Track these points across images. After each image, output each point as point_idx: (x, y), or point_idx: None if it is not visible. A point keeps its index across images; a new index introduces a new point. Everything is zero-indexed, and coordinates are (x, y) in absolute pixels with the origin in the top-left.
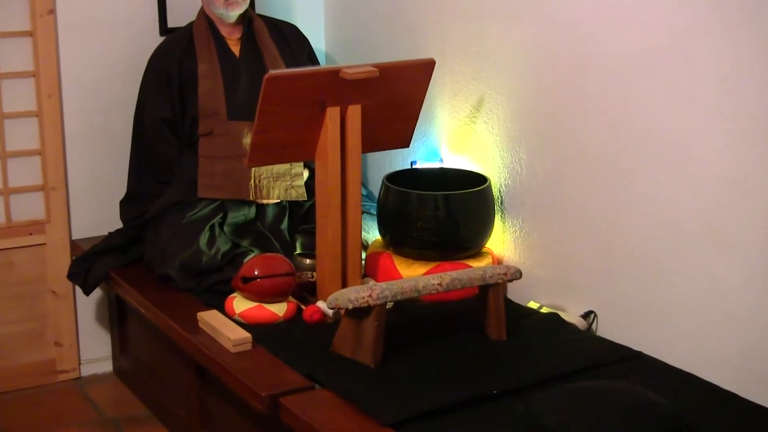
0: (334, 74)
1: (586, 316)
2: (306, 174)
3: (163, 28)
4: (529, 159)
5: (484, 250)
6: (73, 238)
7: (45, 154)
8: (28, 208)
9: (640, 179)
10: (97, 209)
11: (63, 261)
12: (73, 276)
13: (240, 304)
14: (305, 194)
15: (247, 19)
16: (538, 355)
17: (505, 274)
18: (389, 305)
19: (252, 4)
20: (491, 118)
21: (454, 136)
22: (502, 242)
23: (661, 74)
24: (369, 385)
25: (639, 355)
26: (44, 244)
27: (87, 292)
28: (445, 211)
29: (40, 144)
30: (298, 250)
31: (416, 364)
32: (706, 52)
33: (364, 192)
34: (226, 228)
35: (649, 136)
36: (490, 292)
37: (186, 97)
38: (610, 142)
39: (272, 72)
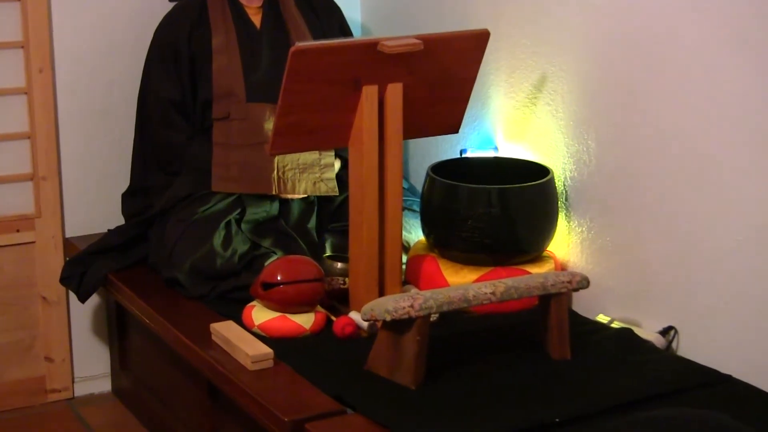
0: (371, 47)
1: (664, 332)
2: (338, 164)
3: None
4: (598, 148)
5: (545, 254)
6: (67, 235)
7: (35, 138)
8: (15, 200)
9: (731, 173)
10: (94, 203)
11: (55, 262)
12: (66, 280)
13: (260, 314)
14: (336, 188)
15: None
16: (607, 378)
17: (569, 283)
18: (433, 317)
19: None
20: (555, 99)
21: (510, 120)
22: (566, 245)
23: (757, 48)
24: (409, 411)
25: (727, 379)
26: (33, 242)
27: (82, 299)
28: (499, 207)
29: (29, 126)
30: (328, 252)
31: (464, 387)
32: None
33: (405, 185)
34: (244, 226)
35: (741, 121)
36: (552, 303)
37: (198, 75)
38: (694, 129)
39: (299, 45)
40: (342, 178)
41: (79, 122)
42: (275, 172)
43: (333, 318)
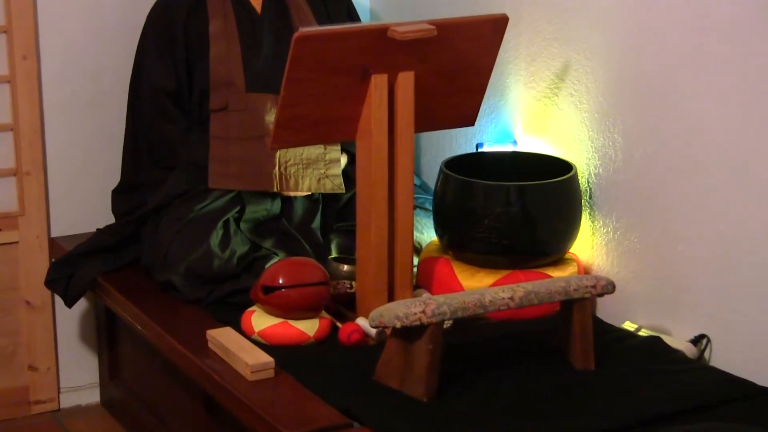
0: (380, 33)
1: (696, 341)
2: (344, 160)
3: None
4: (626, 142)
5: (567, 256)
6: (53, 235)
7: (18, 130)
8: None
9: None
10: (82, 200)
11: (39, 264)
12: (52, 283)
13: (260, 320)
14: (343, 185)
15: None
16: (634, 390)
17: (593, 287)
18: (447, 324)
19: None
20: (578, 89)
21: (530, 112)
22: (590, 246)
23: None
24: (420, 424)
25: (764, 392)
26: (16, 242)
27: (69, 304)
28: (518, 206)
29: (11, 117)
30: (334, 254)
31: (480, 399)
32: None
33: (417, 182)
34: (243, 225)
35: None
36: (575, 309)
37: (194, 63)
38: (731, 121)
39: (303, 30)
40: (349, 174)
41: (66, 113)
42: (277, 167)
43: (339, 324)
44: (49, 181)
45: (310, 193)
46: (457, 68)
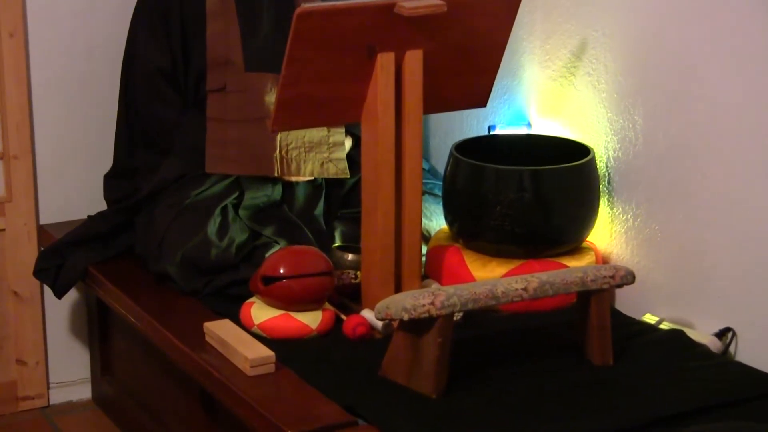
0: (387, 9)
1: (721, 334)
2: (349, 143)
3: None
4: (647, 123)
5: (584, 244)
6: (42, 222)
7: (4, 112)
8: None
9: None
10: (73, 186)
11: (28, 253)
12: (40, 273)
13: (260, 312)
14: (347, 169)
15: None
16: (655, 387)
17: (612, 278)
18: (457, 317)
19: None
20: (597, 68)
21: (546, 92)
22: (608, 235)
23: None
24: (429, 422)
25: None
26: (3, 230)
27: (59, 295)
28: (532, 192)
29: None
30: (338, 242)
31: (491, 396)
32: None
33: (425, 166)
34: (242, 212)
35: None
36: (593, 301)
37: (190, 41)
38: (759, 102)
39: (305, 6)
40: (354, 158)
41: (56, 94)
42: (278, 151)
43: (343, 317)
44: (38, 165)
45: (312, 178)
46: (468, 46)
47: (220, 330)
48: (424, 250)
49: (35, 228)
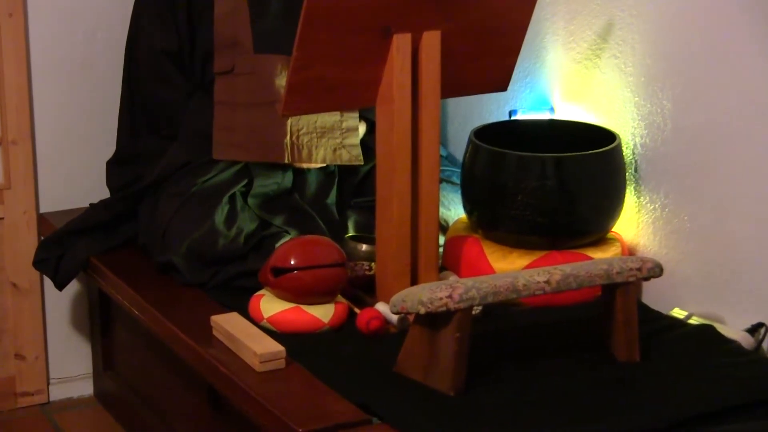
0: None
1: (753, 330)
2: (363, 128)
3: None
4: (675, 109)
5: (609, 235)
6: (42, 211)
7: (3, 95)
8: None
9: None
10: (74, 172)
11: (27, 242)
12: (40, 263)
13: (270, 305)
14: (361, 156)
15: None
16: (684, 385)
17: (639, 270)
18: (476, 311)
19: None
20: (623, 50)
21: (569, 76)
22: (635, 225)
23: None
24: (446, 421)
25: None
26: (1, 218)
27: (60, 286)
28: (555, 180)
29: None
30: (351, 232)
31: (512, 394)
32: None
33: (443, 153)
34: (251, 200)
35: None
36: (618, 294)
37: (196, 21)
38: None
39: None
40: (368, 144)
41: (57, 75)
42: (288, 136)
43: (356, 310)
44: (38, 150)
45: (324, 164)
46: (488, 27)
47: (228, 324)
48: (441, 240)
49: (35, 216)
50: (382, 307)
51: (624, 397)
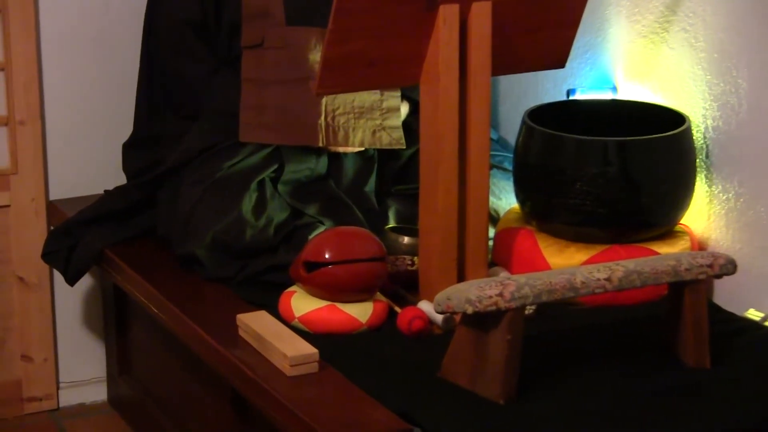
0: None
1: None
2: (405, 108)
3: None
4: (752, 88)
5: (677, 228)
6: (51, 198)
7: (10, 71)
8: None
9: None
10: (87, 156)
11: (35, 232)
12: (50, 256)
13: (302, 302)
14: (403, 139)
15: None
16: (759, 393)
17: (710, 267)
18: (529, 310)
19: None
20: (694, 23)
21: (634, 52)
22: (706, 217)
23: None
24: (495, 431)
25: None
26: (8, 206)
27: (71, 281)
28: (618, 166)
29: (2, 55)
30: (392, 223)
31: (568, 402)
32: None
33: (494, 136)
34: (281, 187)
35: None
36: (687, 293)
37: None
38: None
39: None
40: (410, 126)
41: (68, 50)
42: (323, 117)
43: (397, 309)
44: (48, 132)
45: (363, 148)
46: None
47: (256, 323)
48: (491, 233)
49: (44, 204)
50: (425, 305)
51: (692, 405)
